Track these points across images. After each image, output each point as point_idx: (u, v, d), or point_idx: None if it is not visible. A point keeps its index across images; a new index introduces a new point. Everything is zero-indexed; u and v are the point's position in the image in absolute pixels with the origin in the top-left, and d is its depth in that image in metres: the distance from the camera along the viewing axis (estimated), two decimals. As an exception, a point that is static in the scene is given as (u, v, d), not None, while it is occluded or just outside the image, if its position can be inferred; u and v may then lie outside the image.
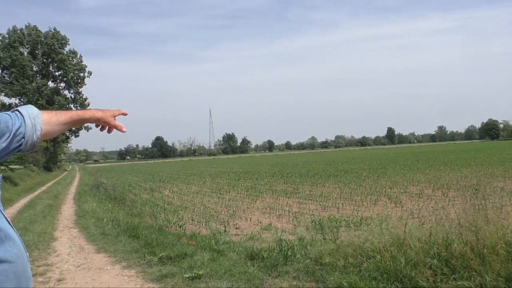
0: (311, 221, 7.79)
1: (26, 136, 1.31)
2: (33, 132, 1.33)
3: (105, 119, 1.59)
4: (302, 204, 11.18)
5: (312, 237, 6.05)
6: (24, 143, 1.30)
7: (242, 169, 33.70)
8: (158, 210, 10.87)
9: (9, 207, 13.74)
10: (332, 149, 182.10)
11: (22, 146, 1.31)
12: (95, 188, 18.72)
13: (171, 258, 5.40)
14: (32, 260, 5.98)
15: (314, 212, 9.65)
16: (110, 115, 1.61)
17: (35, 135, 1.34)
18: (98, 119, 1.58)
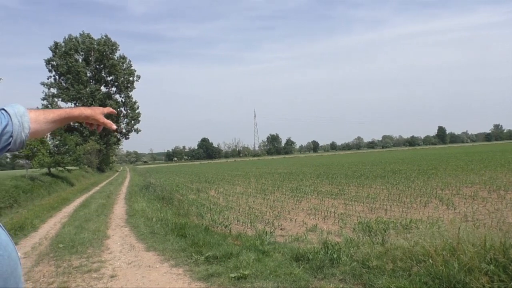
0: (357, 223, 7.63)
1: (14, 135, 1.28)
2: (21, 130, 1.31)
3: (94, 116, 1.58)
4: (348, 205, 10.97)
5: (359, 240, 5.92)
6: (12, 142, 1.28)
7: (286, 170, 33.61)
8: (204, 210, 11.08)
9: (66, 206, 14.54)
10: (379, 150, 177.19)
11: (11, 145, 1.28)
12: (145, 189, 19.38)
13: (217, 258, 5.48)
14: (87, 257, 6.30)
15: (360, 214, 9.45)
16: (99, 112, 1.61)
17: (23, 134, 1.32)
18: (87, 117, 1.57)
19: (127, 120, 58.42)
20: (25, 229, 9.31)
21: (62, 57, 51.73)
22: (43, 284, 5.05)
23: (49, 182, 22.21)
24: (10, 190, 15.42)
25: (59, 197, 17.65)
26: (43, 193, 18.93)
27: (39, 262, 6.18)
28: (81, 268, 5.65)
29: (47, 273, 5.53)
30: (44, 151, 22.88)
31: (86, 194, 19.94)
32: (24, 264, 6.10)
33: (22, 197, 16.03)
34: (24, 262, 6.25)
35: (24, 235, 8.75)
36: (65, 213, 12.40)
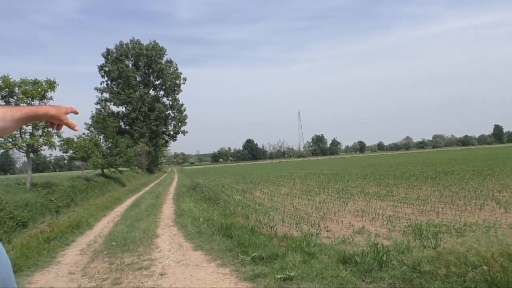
0: (407, 225, 7.38)
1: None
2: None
3: (59, 116, 1.56)
4: (396, 207, 10.64)
5: (409, 243, 5.72)
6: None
7: (332, 171, 33.14)
8: (249, 211, 11.15)
9: (118, 206, 15.17)
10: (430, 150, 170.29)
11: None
12: (192, 189, 19.83)
13: (263, 258, 5.50)
14: (138, 255, 6.53)
15: (410, 216, 9.13)
16: (63, 112, 1.58)
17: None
18: (52, 117, 1.55)
19: (175, 122, 60.11)
20: (81, 227, 9.82)
21: (114, 63, 54.15)
22: (97, 280, 5.29)
23: (102, 183, 23.29)
24: (67, 190, 16.32)
25: (111, 197, 18.45)
26: (97, 193, 19.88)
27: (94, 259, 6.49)
28: (132, 266, 5.87)
29: (102, 269, 5.80)
30: (98, 153, 24.00)
31: (136, 194, 20.70)
32: (80, 261, 6.44)
33: (78, 196, 16.91)
34: (80, 259, 6.59)
35: (80, 233, 9.22)
36: (117, 212, 12.94)
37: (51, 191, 14.77)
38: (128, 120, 54.81)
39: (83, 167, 24.63)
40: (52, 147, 15.92)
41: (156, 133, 56.32)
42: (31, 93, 14.50)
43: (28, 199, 12.34)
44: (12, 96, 14.43)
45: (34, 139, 14.70)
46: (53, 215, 12.72)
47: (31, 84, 14.73)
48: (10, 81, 14.17)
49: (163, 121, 57.38)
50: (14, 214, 10.54)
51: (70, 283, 5.27)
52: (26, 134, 14.91)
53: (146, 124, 54.18)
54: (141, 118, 54.77)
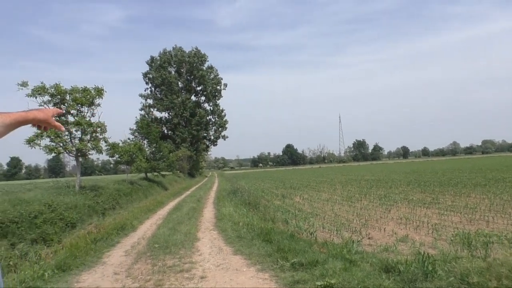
0: (454, 234, 7.07)
1: None
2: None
3: (47, 119, 1.59)
4: (442, 215, 10.22)
5: (457, 253, 5.48)
6: None
7: (374, 177, 32.37)
8: (289, 216, 11.09)
9: (160, 209, 15.55)
10: (479, 155, 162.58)
11: None
12: (232, 194, 20.00)
13: (302, 265, 5.45)
14: (179, 257, 6.65)
15: (457, 225, 8.74)
16: (50, 115, 1.62)
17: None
18: (40, 120, 1.58)
19: (215, 127, 60.97)
20: (125, 229, 10.15)
21: (157, 70, 55.84)
22: (141, 281, 5.44)
23: (146, 186, 23.99)
24: (113, 193, 16.94)
25: (154, 200, 18.95)
26: (140, 196, 20.50)
27: (137, 260, 6.68)
28: (174, 268, 5.99)
29: (145, 270, 5.96)
30: (142, 157, 24.76)
31: (178, 198, 21.13)
32: (125, 262, 6.65)
33: (123, 199, 17.51)
34: (124, 260, 6.81)
35: (125, 235, 9.53)
36: (160, 215, 13.27)
37: (98, 194, 15.39)
38: (170, 125, 56.22)
39: (128, 171, 25.49)
40: (99, 152, 16.60)
41: (197, 138, 57.38)
42: (81, 100, 15.22)
43: (77, 201, 12.91)
44: (63, 103, 15.20)
45: (83, 143, 15.39)
46: (100, 217, 13.24)
47: (80, 92, 15.46)
48: (61, 89, 14.94)
49: (204, 126, 58.38)
50: (64, 215, 11.06)
51: (115, 283, 5.45)
52: (76, 139, 15.65)
53: (187, 129, 55.34)
54: (183, 124, 56.02)
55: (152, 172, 28.75)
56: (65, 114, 15.36)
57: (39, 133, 14.19)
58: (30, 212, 9.76)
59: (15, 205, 9.90)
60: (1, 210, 9.04)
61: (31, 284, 5.31)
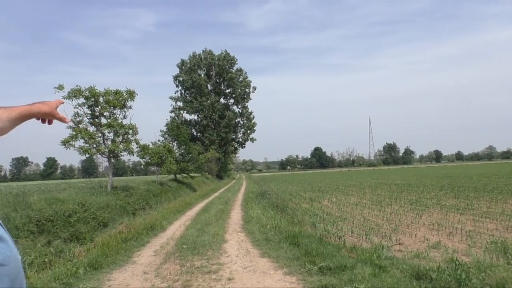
0: (489, 242, 6.82)
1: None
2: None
3: (51, 112, 1.57)
4: (477, 222, 9.86)
5: (492, 261, 5.27)
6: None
7: (404, 181, 31.64)
8: (317, 220, 10.99)
9: (189, 210, 15.74)
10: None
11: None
12: (260, 196, 20.01)
13: (330, 269, 5.38)
14: (207, 258, 6.71)
15: (493, 232, 8.41)
16: (54, 107, 1.59)
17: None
18: (45, 114, 1.56)
19: (244, 130, 61.25)
20: (155, 229, 10.33)
21: (187, 73, 56.68)
22: (169, 281, 5.52)
23: (175, 187, 24.35)
24: (143, 194, 17.29)
25: (183, 201, 19.20)
26: (170, 197, 20.81)
27: (166, 260, 6.78)
28: (202, 269, 6.05)
29: (173, 271, 6.04)
30: (171, 159, 25.16)
31: (206, 200, 21.32)
32: (154, 261, 6.76)
33: (153, 200, 17.83)
34: (154, 260, 6.93)
35: (154, 235, 9.70)
36: (188, 217, 13.43)
37: (129, 194, 15.74)
38: (199, 127, 56.90)
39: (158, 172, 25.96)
40: (130, 153, 16.99)
41: (226, 140, 57.81)
42: (113, 102, 15.63)
43: (109, 201, 13.25)
44: (97, 105, 15.66)
45: (115, 145, 15.79)
46: (130, 217, 13.53)
47: (113, 94, 15.87)
48: (95, 91, 15.39)
49: (232, 128, 58.76)
50: (97, 215, 11.37)
51: (145, 282, 5.55)
52: (108, 140, 16.07)
53: (216, 132, 55.85)
54: (211, 126, 56.58)
55: (181, 174, 29.14)
56: (99, 116, 15.82)
57: (74, 135, 14.67)
58: (64, 211, 10.08)
59: (50, 204, 10.26)
60: (38, 209, 9.38)
61: (65, 280, 5.48)
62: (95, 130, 15.75)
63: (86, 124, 15.63)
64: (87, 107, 15.60)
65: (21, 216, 8.65)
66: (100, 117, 15.88)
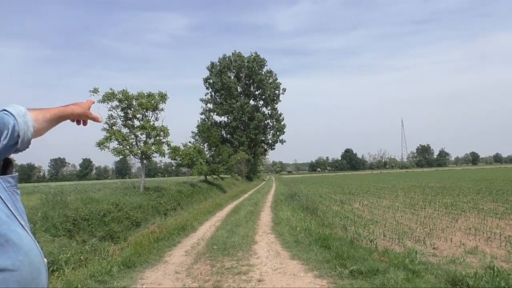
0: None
1: (21, 134, 1.28)
2: (27, 129, 1.31)
3: (84, 113, 1.60)
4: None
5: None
6: (20, 141, 1.28)
7: (439, 184, 30.72)
8: (348, 223, 10.84)
9: (219, 211, 15.86)
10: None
11: (18, 145, 1.28)
12: (289, 198, 19.93)
13: (362, 273, 5.29)
14: (237, 260, 6.73)
15: (535, 238, 8.04)
16: (87, 108, 1.61)
17: (29, 132, 1.32)
18: (79, 115, 1.58)
19: (273, 131, 61.23)
20: (186, 230, 10.47)
21: (217, 75, 57.23)
22: (200, 281, 5.58)
23: (205, 189, 24.62)
24: (174, 195, 17.57)
25: (213, 202, 19.38)
26: (200, 198, 21.06)
27: (197, 261, 6.86)
28: (232, 270, 6.08)
29: (204, 271, 6.10)
30: (202, 160, 25.46)
31: (236, 201, 21.43)
32: (185, 261, 6.85)
33: (184, 201, 18.09)
34: (185, 260, 7.02)
35: (185, 235, 9.84)
36: (218, 218, 13.54)
37: (160, 195, 16.04)
38: (229, 129, 57.30)
39: (189, 173, 26.32)
40: (162, 155, 17.31)
41: (255, 141, 57.94)
42: (146, 105, 15.99)
43: (141, 202, 13.54)
44: (130, 108, 16.06)
45: (147, 147, 16.14)
46: (162, 217, 13.77)
47: (146, 97, 16.24)
48: (128, 94, 15.80)
49: (262, 130, 58.85)
50: (130, 215, 11.65)
51: (176, 281, 5.64)
52: (141, 142, 16.45)
53: (245, 133, 56.08)
54: (241, 127, 56.86)
55: (212, 175, 29.43)
56: (131, 118, 16.22)
57: (108, 137, 15.10)
58: (99, 210, 10.39)
59: (86, 204, 10.59)
60: (74, 208, 9.70)
61: (100, 278, 5.64)
62: (128, 132, 16.16)
63: (119, 126, 16.08)
64: (121, 110, 16.03)
65: (58, 215, 8.97)
66: (133, 119, 16.28)
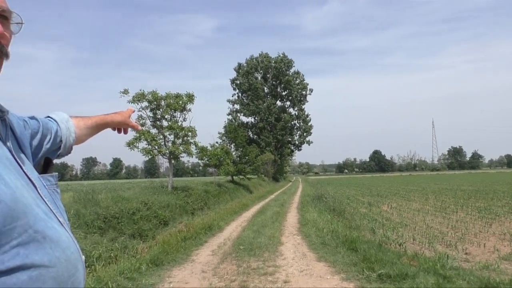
0: None
1: (63, 139, 1.32)
2: (69, 135, 1.35)
3: (124, 121, 1.62)
4: (556, 233, 9.04)
5: None
6: (62, 146, 1.32)
7: (472, 187, 29.76)
8: (376, 226, 10.66)
9: (245, 211, 15.91)
10: None
11: (61, 150, 1.32)
12: (316, 199, 19.78)
13: (390, 277, 5.19)
14: (263, 260, 6.74)
15: None
16: (127, 116, 1.64)
17: (71, 138, 1.36)
18: (119, 123, 1.61)
19: (300, 132, 60.96)
20: (212, 229, 10.56)
21: (244, 76, 57.46)
22: (226, 280, 5.61)
23: (232, 189, 24.77)
24: (202, 194, 17.77)
25: (239, 202, 19.46)
26: (227, 198, 21.20)
27: (223, 260, 6.90)
28: (258, 270, 6.08)
29: (230, 271, 6.13)
30: (229, 161, 25.62)
31: (262, 202, 21.43)
32: (211, 261, 6.91)
33: (211, 200, 18.26)
34: (211, 259, 7.08)
35: (212, 235, 9.92)
36: (245, 218, 13.58)
37: (188, 195, 16.25)
38: (256, 129, 57.40)
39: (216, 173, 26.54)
40: (190, 155, 17.54)
41: (282, 142, 57.82)
42: (174, 106, 16.24)
43: (169, 201, 13.76)
44: (159, 109, 16.35)
45: (175, 147, 16.39)
46: (189, 216, 13.95)
47: (174, 98, 16.50)
48: (157, 95, 16.10)
49: (288, 131, 58.68)
50: (158, 213, 11.86)
51: (203, 281, 5.69)
52: (169, 142, 16.72)
53: (272, 134, 56.05)
54: (268, 128, 56.86)
55: (238, 175, 29.57)
56: (160, 119, 16.50)
57: (138, 137, 15.43)
58: (129, 209, 10.63)
59: (116, 202, 10.86)
60: (105, 206, 9.97)
61: (129, 275, 5.76)
62: (157, 132, 16.47)
63: (148, 127, 16.40)
64: (150, 110, 16.35)
65: (90, 213, 9.24)
66: (162, 119, 16.57)
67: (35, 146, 1.18)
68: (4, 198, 0.77)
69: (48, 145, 1.23)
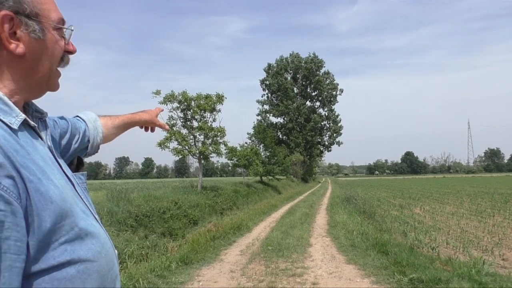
0: None
1: (91, 139, 1.34)
2: (96, 134, 1.37)
3: (152, 120, 1.63)
4: None
5: None
6: (90, 145, 1.34)
7: (510, 190, 28.58)
8: (408, 229, 10.41)
9: (274, 212, 15.90)
10: None
11: (88, 149, 1.34)
12: (346, 201, 19.52)
13: (422, 281, 5.06)
14: (291, 261, 6.71)
15: None
16: (154, 115, 1.65)
17: (98, 138, 1.38)
18: (146, 122, 1.62)
19: (330, 133, 60.33)
20: (241, 229, 10.61)
21: (274, 76, 57.45)
22: (254, 281, 5.63)
23: (261, 189, 24.79)
24: (231, 195, 17.88)
25: (268, 203, 19.46)
26: (256, 198, 21.24)
27: (252, 261, 6.92)
28: (286, 271, 6.07)
29: (258, 271, 6.14)
30: (258, 161, 25.66)
31: (291, 202, 21.35)
32: (240, 261, 6.94)
33: (240, 201, 18.34)
34: (240, 259, 7.11)
35: (240, 235, 9.97)
36: (273, 219, 13.57)
37: (217, 195, 16.39)
38: (285, 130, 57.26)
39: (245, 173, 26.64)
40: (219, 155, 17.69)
41: (311, 143, 57.41)
42: (204, 106, 16.42)
43: (199, 200, 13.93)
44: (189, 109, 16.58)
45: (205, 147, 16.57)
46: (218, 216, 14.06)
47: (204, 98, 16.69)
48: (188, 96, 16.33)
49: (318, 131, 58.21)
50: (188, 213, 12.02)
51: (231, 280, 5.73)
52: (199, 142, 16.93)
53: (301, 135, 55.75)
54: (297, 129, 56.61)
55: (267, 176, 29.56)
56: (190, 119, 16.74)
57: (169, 137, 15.71)
58: (160, 208, 10.83)
59: (147, 201, 11.09)
60: (137, 205, 10.20)
61: (159, 273, 5.87)
62: (187, 132, 16.70)
63: (179, 127, 16.66)
64: (180, 111, 16.60)
65: (122, 211, 9.47)
66: (192, 120, 16.80)
67: (64, 146, 1.22)
68: (55, 199, 0.82)
69: (76, 145, 1.26)
